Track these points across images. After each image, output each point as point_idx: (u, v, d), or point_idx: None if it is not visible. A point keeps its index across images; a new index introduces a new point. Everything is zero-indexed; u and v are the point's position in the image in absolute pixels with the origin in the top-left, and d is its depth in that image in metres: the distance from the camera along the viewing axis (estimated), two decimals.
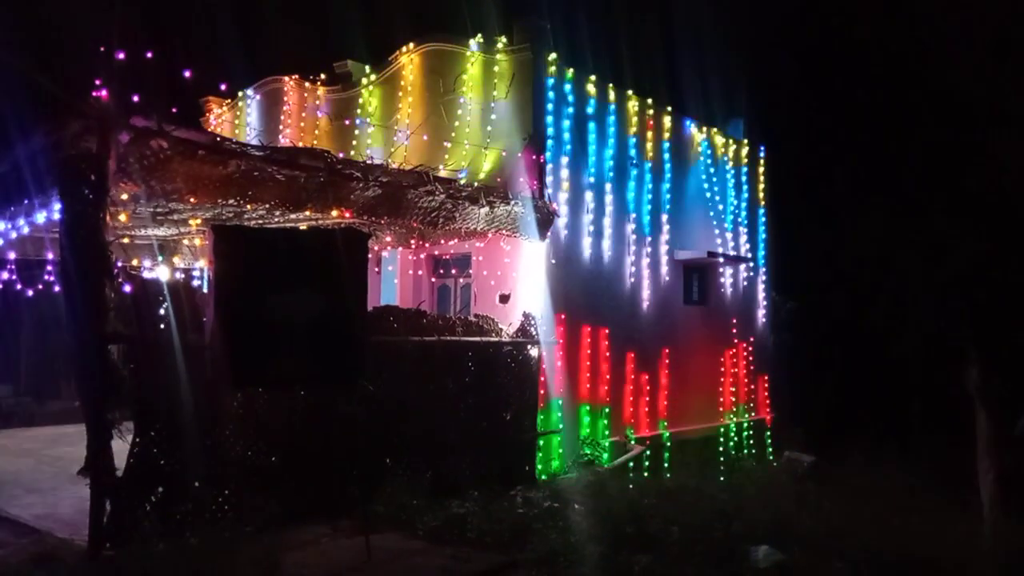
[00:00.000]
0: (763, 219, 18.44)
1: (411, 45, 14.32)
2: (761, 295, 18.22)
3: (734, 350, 17.06)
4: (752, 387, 17.53)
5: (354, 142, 14.77)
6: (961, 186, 18.82)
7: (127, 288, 7.58)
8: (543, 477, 11.60)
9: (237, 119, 17.27)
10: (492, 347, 10.93)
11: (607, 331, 13.59)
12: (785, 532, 8.33)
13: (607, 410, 13.48)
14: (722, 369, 16.68)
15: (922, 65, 19.82)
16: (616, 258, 13.96)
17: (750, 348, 17.53)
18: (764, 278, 18.33)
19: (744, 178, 17.83)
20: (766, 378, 18.04)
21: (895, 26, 21.00)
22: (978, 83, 18.44)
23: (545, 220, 12.13)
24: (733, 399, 16.86)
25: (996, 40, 18.03)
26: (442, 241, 13.30)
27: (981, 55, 18.55)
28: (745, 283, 17.64)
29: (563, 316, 12.59)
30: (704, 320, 16.42)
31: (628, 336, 14.12)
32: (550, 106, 12.79)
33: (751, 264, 17.76)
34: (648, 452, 13.84)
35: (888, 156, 21.58)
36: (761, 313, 18.18)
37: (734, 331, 17.08)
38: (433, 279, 14.66)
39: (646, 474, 13.33)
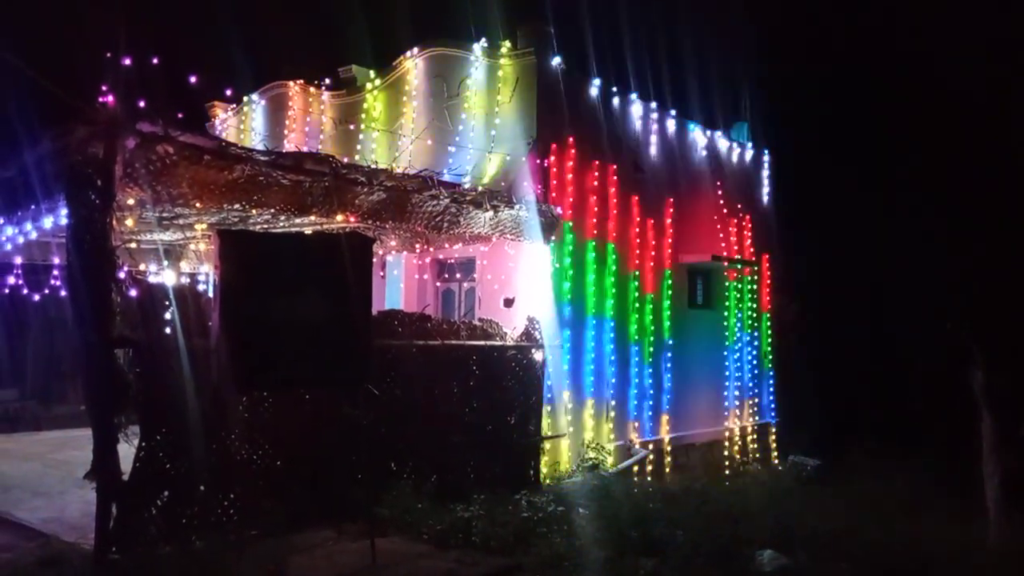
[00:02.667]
0: (767, 222, 18.43)
1: (415, 50, 14.36)
2: (766, 298, 18.20)
3: (739, 353, 17.05)
4: (757, 390, 17.52)
5: (359, 147, 14.81)
6: (966, 187, 18.81)
7: (133, 292, 7.61)
8: (548, 481, 11.59)
9: (242, 124, 17.33)
10: (496, 351, 10.94)
11: (611, 334, 13.59)
12: (790, 536, 8.33)
13: (612, 414, 13.48)
14: (727, 372, 16.67)
15: (925, 67, 19.82)
16: (620, 261, 13.96)
17: (755, 352, 17.52)
18: (769, 281, 18.31)
19: (748, 181, 17.83)
20: (771, 382, 18.02)
21: (898, 28, 21.01)
22: (980, 84, 18.44)
23: (549, 224, 12.15)
24: (738, 403, 16.85)
25: (997, 41, 18.02)
26: (446, 245, 13.33)
27: (983, 56, 18.55)
28: (750, 286, 17.63)
29: (567, 320, 12.60)
30: (709, 323, 16.41)
31: (632, 339, 14.12)
32: (554, 110, 12.80)
33: (756, 267, 17.75)
34: (652, 456, 13.83)
35: (892, 158, 21.58)
36: (766, 316, 18.17)
37: (739, 334, 17.07)
38: (437, 283, 14.69)
39: (650, 478, 13.33)
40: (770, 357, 18.15)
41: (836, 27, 22.39)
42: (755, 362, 17.50)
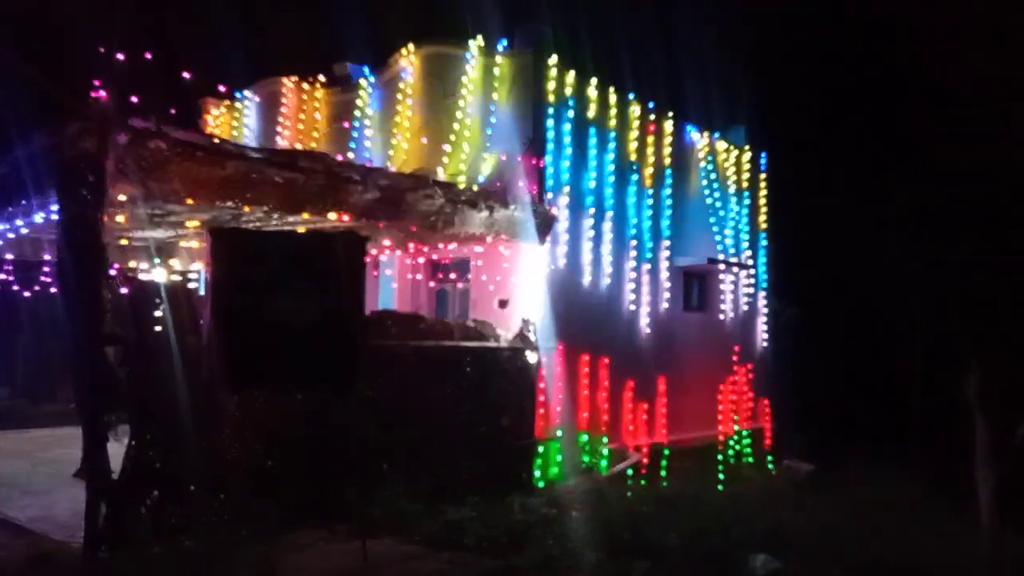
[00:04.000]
0: (764, 225, 18.43)
1: (411, 47, 14.29)
2: (761, 302, 18.19)
3: (734, 357, 17.02)
4: (751, 394, 17.49)
5: (353, 145, 14.74)
6: (964, 191, 18.84)
7: (124, 290, 7.56)
8: (541, 484, 11.55)
9: (236, 121, 17.23)
10: (490, 352, 10.90)
11: (607, 337, 13.55)
12: (783, 540, 8.31)
13: (606, 417, 13.43)
14: (722, 376, 16.64)
15: (922, 69, 19.85)
16: (616, 263, 13.93)
17: (750, 356, 17.50)
18: (765, 285, 18.31)
19: (745, 184, 17.82)
20: (765, 385, 18.01)
21: (895, 30, 21.03)
22: (978, 85, 18.47)
23: (545, 225, 12.10)
24: (732, 406, 16.82)
25: (995, 42, 18.06)
26: (441, 245, 13.27)
27: (981, 57, 18.58)
28: (746, 289, 17.62)
29: (562, 321, 12.55)
30: (704, 326, 16.39)
31: (628, 342, 14.09)
32: (551, 110, 12.77)
33: (752, 271, 17.74)
34: (647, 459, 13.80)
35: (890, 161, 21.61)
36: (761, 320, 18.16)
37: (734, 338, 17.05)
38: (432, 283, 14.63)
39: (644, 481, 13.29)
40: (765, 361, 18.13)
41: (834, 29, 22.41)
42: (750, 366, 17.47)
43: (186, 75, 10.45)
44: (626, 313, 14.20)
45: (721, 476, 15.36)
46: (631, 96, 14.63)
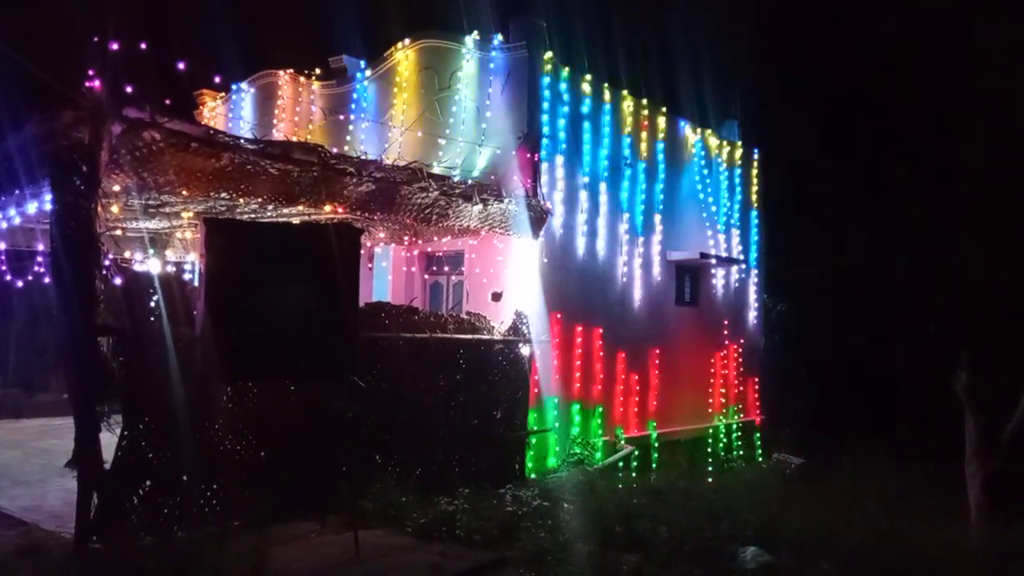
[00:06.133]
0: (756, 221, 18.47)
1: (406, 41, 14.29)
2: (753, 297, 18.25)
3: (725, 351, 17.09)
4: (742, 388, 17.56)
5: (348, 137, 14.74)
6: (957, 190, 18.90)
7: (118, 280, 7.54)
8: (533, 475, 11.60)
9: (231, 112, 17.21)
10: (484, 345, 10.92)
11: (599, 330, 13.59)
12: (773, 533, 8.35)
13: (598, 409, 13.48)
14: (713, 370, 16.71)
15: (917, 65, 19.89)
16: (609, 258, 13.96)
17: (741, 349, 17.56)
18: (756, 280, 18.36)
19: (737, 180, 17.86)
20: (756, 379, 18.08)
21: (890, 26, 21.06)
22: (973, 83, 18.52)
23: (538, 218, 12.13)
24: (723, 400, 16.89)
25: (991, 39, 18.10)
26: (435, 238, 13.29)
27: (976, 54, 18.63)
28: (737, 284, 17.67)
29: (555, 315, 12.59)
30: (696, 321, 16.43)
31: (620, 336, 14.12)
32: (545, 104, 12.77)
33: (743, 266, 17.79)
34: (638, 452, 13.85)
35: (882, 158, 21.66)
36: (752, 315, 18.21)
37: (725, 332, 17.10)
38: (426, 276, 14.65)
39: (636, 474, 13.35)
40: (757, 355, 18.19)
41: (829, 25, 22.43)
42: (742, 360, 17.54)
43: (181, 66, 10.42)
44: (618, 306, 14.22)
45: (711, 469, 15.44)
46: (625, 91, 14.64)
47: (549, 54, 12.93)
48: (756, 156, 18.58)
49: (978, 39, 18.40)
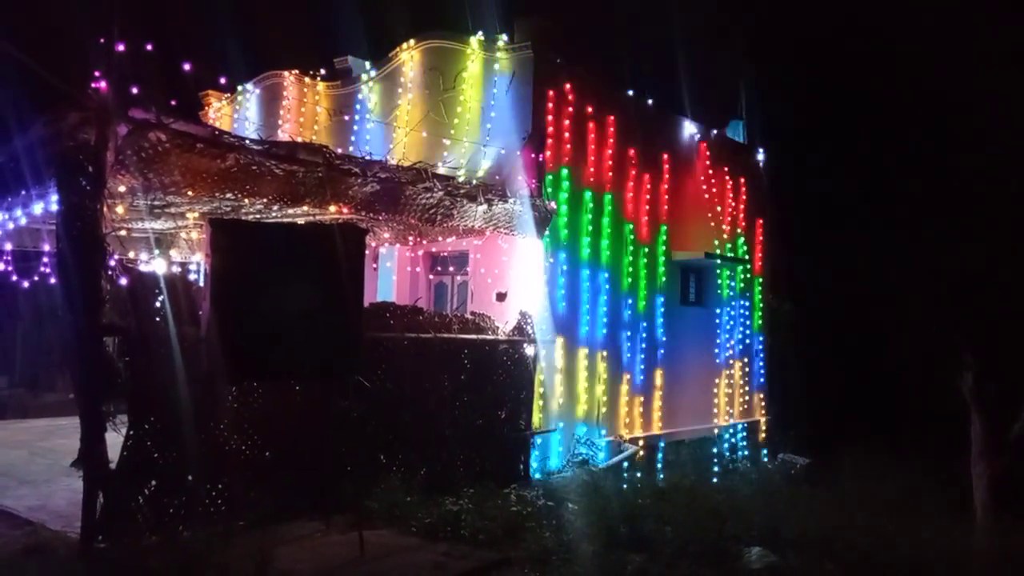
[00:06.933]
0: (760, 221, 18.45)
1: (411, 42, 14.30)
2: (758, 297, 18.22)
3: (730, 352, 17.07)
4: (748, 389, 17.55)
5: (353, 138, 14.75)
6: (959, 190, 18.86)
7: (123, 280, 7.56)
8: (538, 476, 11.59)
9: (236, 113, 17.24)
10: (488, 345, 10.92)
11: (604, 331, 13.59)
12: (778, 534, 8.34)
13: (603, 410, 13.48)
14: (718, 370, 16.69)
15: (919, 65, 19.85)
16: (613, 257, 13.96)
17: (746, 350, 17.54)
18: (761, 280, 18.33)
19: (742, 180, 17.84)
20: (762, 380, 18.06)
21: (894, 30, 21.02)
22: (977, 86, 18.48)
23: (543, 219, 12.12)
24: (728, 400, 16.87)
25: (994, 43, 18.05)
26: (440, 238, 13.29)
27: (980, 58, 18.59)
28: (742, 285, 17.65)
29: (560, 315, 12.59)
30: (701, 321, 16.42)
31: (625, 336, 14.12)
32: (550, 105, 12.77)
33: (748, 266, 17.77)
34: (643, 452, 13.84)
35: (887, 160, 21.62)
36: (757, 315, 18.19)
37: (730, 333, 17.09)
38: (430, 276, 14.66)
39: (640, 474, 13.33)
40: (761, 355, 18.17)
41: (832, 25, 22.39)
42: (746, 360, 17.52)
43: (187, 67, 10.44)
44: (624, 307, 14.22)
45: (716, 469, 15.41)
46: (630, 91, 14.63)
47: (554, 54, 12.93)
48: (761, 156, 18.56)
49: (981, 38, 18.36)
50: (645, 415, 14.54)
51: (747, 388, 17.52)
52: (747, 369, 17.54)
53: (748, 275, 17.87)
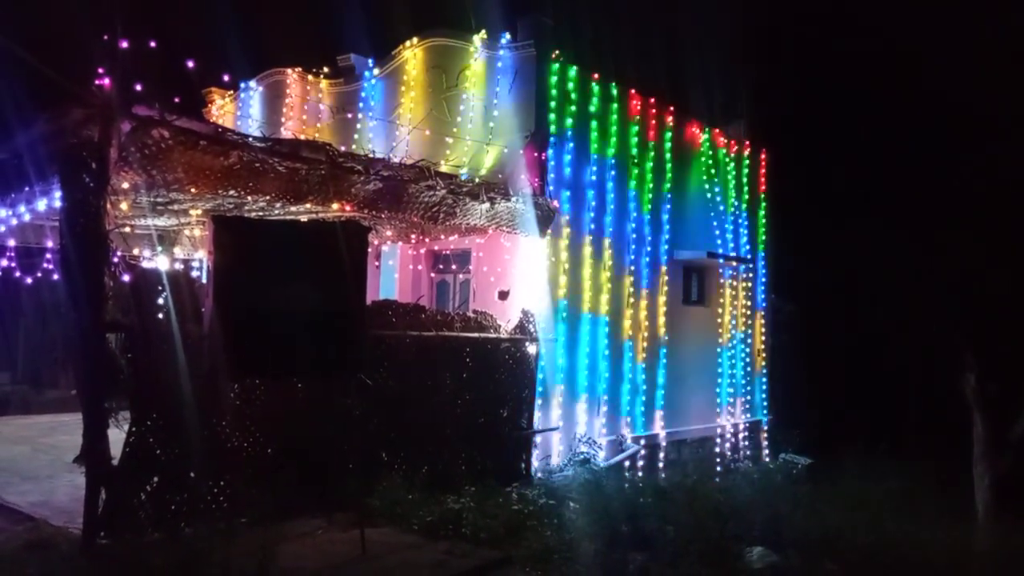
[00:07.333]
0: (763, 220, 18.44)
1: (414, 40, 14.31)
2: (760, 296, 18.22)
3: (732, 351, 17.06)
4: (750, 388, 17.54)
5: (356, 136, 14.76)
6: (960, 190, 18.84)
7: (126, 277, 7.57)
8: (539, 474, 11.59)
9: (239, 111, 17.25)
10: (490, 343, 10.92)
11: (606, 330, 13.59)
12: (780, 533, 8.34)
13: (604, 409, 13.48)
14: (720, 370, 16.68)
15: (921, 64, 19.82)
16: (616, 256, 13.95)
17: (748, 349, 17.53)
18: (763, 279, 18.33)
19: (745, 179, 17.83)
20: (764, 380, 18.05)
21: (895, 28, 21.00)
22: (977, 85, 18.46)
23: (545, 217, 12.13)
24: (730, 400, 16.86)
25: (994, 42, 18.03)
26: (442, 236, 13.30)
27: (980, 57, 18.57)
28: (745, 284, 17.65)
29: (562, 314, 12.59)
30: (703, 320, 16.42)
31: (627, 335, 14.12)
32: (552, 103, 12.77)
33: (751, 265, 17.76)
34: (644, 451, 13.84)
35: (888, 159, 21.59)
36: (760, 314, 18.18)
37: (732, 332, 17.08)
38: (432, 274, 14.66)
39: (642, 473, 13.34)
40: (763, 355, 18.17)
41: (833, 25, 22.36)
42: (748, 359, 17.53)
43: (191, 64, 10.44)
44: (626, 306, 14.22)
45: (718, 469, 15.41)
46: (632, 89, 14.63)
47: (556, 53, 12.93)
48: (763, 155, 18.55)
49: (983, 38, 18.35)
50: (647, 414, 14.54)
51: (749, 387, 17.52)
52: (749, 368, 17.53)
53: (751, 274, 17.86)
